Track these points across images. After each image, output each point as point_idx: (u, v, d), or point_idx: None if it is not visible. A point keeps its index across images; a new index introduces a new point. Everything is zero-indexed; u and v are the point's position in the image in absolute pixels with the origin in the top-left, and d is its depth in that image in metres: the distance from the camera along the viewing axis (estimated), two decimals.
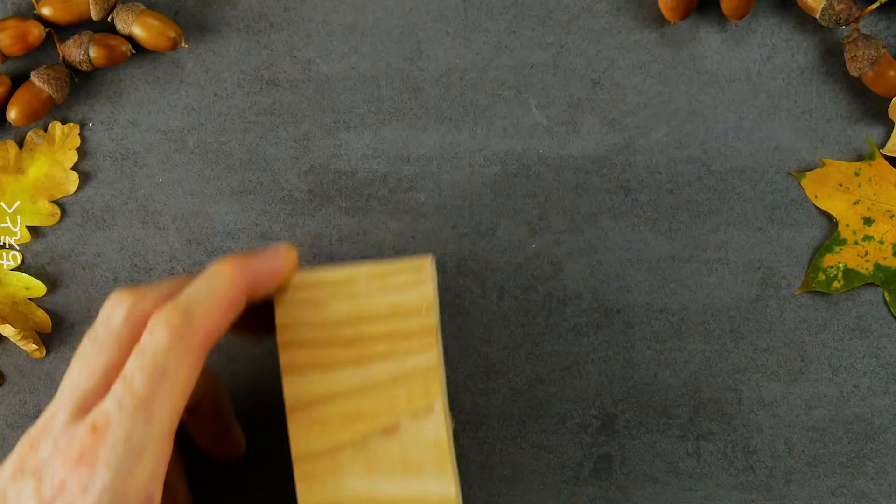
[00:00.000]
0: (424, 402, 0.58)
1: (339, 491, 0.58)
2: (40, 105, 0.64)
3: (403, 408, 0.58)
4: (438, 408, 0.58)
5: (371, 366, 0.58)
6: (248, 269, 0.56)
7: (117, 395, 0.52)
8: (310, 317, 0.59)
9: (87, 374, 0.54)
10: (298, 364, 0.59)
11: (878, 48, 0.64)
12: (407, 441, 0.58)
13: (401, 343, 0.58)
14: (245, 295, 0.55)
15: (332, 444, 0.58)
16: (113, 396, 0.52)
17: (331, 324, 0.59)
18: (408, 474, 0.58)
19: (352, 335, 0.59)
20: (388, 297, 0.59)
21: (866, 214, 0.65)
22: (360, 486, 0.58)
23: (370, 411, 0.58)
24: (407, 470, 0.58)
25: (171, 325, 0.53)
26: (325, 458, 0.58)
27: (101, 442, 0.51)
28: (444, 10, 0.66)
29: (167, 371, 0.52)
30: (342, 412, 0.58)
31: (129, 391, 0.52)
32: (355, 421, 0.57)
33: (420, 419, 0.58)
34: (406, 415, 0.58)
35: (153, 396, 0.52)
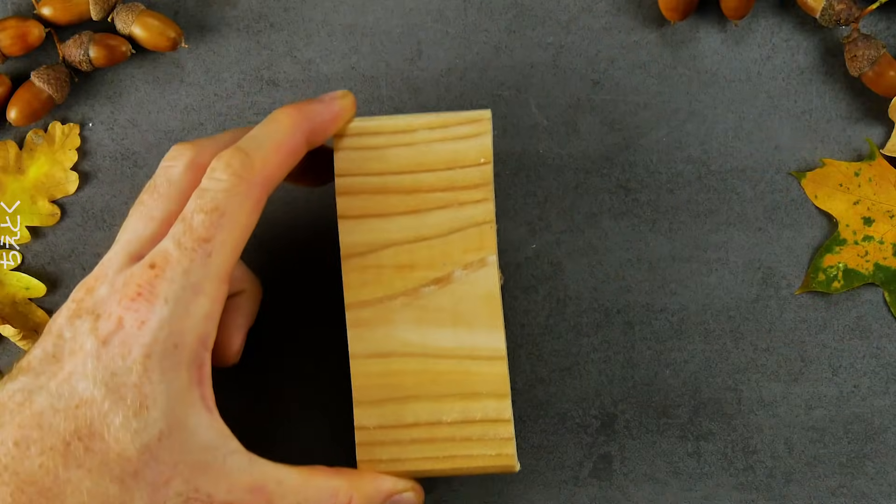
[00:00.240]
0: (478, 255, 0.60)
1: (389, 340, 0.59)
2: (40, 105, 0.64)
3: (457, 259, 0.60)
4: (492, 260, 0.60)
5: (427, 215, 0.60)
6: (308, 114, 0.56)
7: (176, 234, 0.52)
8: (369, 164, 0.60)
9: (144, 221, 0.54)
10: (355, 211, 0.60)
11: (878, 48, 0.64)
12: (459, 293, 0.60)
13: (458, 194, 0.60)
14: (304, 140, 0.56)
15: (385, 293, 0.59)
16: (172, 236, 0.52)
17: (389, 172, 0.60)
18: (458, 326, 0.60)
19: (410, 184, 0.60)
20: (448, 147, 0.60)
21: (866, 214, 0.65)
22: (410, 336, 0.59)
23: (424, 261, 0.60)
24: (457, 322, 0.59)
25: (231, 168, 0.53)
26: (377, 307, 0.59)
27: (159, 278, 0.51)
28: (444, 10, 0.66)
29: (227, 211, 0.52)
30: (396, 261, 0.60)
31: (188, 230, 0.52)
32: (409, 270, 0.58)
33: (473, 271, 0.60)
34: (459, 266, 0.60)
35: (213, 236, 0.52)
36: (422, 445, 0.59)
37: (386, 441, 0.59)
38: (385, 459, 0.59)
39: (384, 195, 0.60)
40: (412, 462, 0.59)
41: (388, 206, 0.60)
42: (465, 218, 0.60)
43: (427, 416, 0.59)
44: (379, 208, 0.60)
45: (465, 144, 0.60)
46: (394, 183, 0.60)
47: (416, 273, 0.59)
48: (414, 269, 0.59)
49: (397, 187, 0.60)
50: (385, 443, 0.59)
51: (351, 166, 0.60)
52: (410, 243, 0.60)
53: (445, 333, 0.59)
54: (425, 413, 0.59)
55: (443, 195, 0.60)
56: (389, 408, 0.59)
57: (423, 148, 0.60)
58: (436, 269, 0.60)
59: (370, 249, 0.60)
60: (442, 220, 0.60)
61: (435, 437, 0.59)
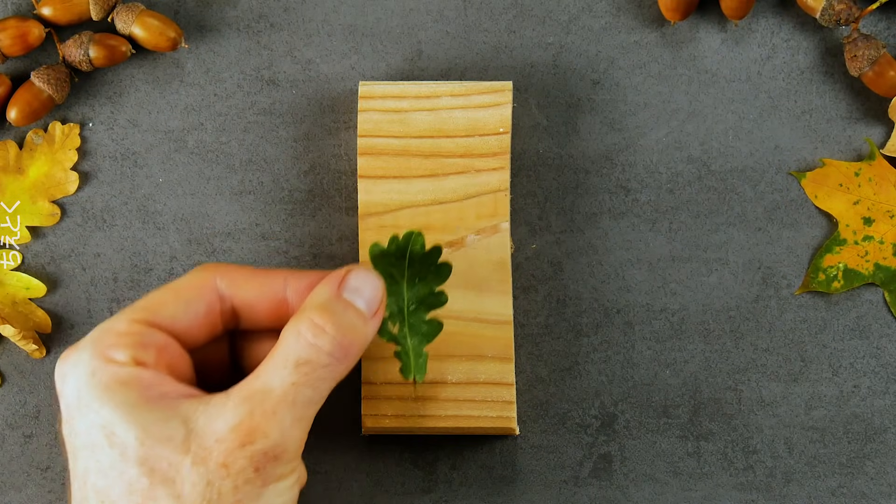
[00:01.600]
0: (491, 221, 0.62)
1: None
2: (40, 105, 0.64)
3: (471, 224, 0.62)
4: (505, 227, 0.62)
5: (445, 180, 0.62)
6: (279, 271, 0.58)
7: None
8: (391, 127, 0.62)
9: None
10: (375, 171, 0.62)
11: (878, 48, 0.64)
12: (471, 257, 0.62)
13: (476, 161, 0.62)
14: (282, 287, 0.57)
15: None
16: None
17: (410, 135, 0.62)
18: (468, 289, 0.62)
19: (430, 148, 0.62)
20: (469, 114, 0.62)
21: (866, 214, 0.65)
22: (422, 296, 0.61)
23: (439, 224, 0.62)
24: (468, 285, 0.62)
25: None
26: None
27: None
28: (444, 10, 0.66)
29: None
30: (412, 222, 0.62)
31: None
32: (424, 232, 0.59)
33: (486, 237, 0.62)
34: (473, 231, 0.62)
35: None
36: (426, 403, 0.61)
37: (391, 396, 0.61)
38: (389, 415, 0.61)
39: (404, 157, 0.62)
40: (416, 419, 0.61)
41: (408, 168, 0.62)
42: (481, 184, 0.62)
43: (433, 375, 0.61)
44: (398, 170, 0.62)
45: (485, 113, 0.62)
46: (414, 146, 0.62)
47: (431, 235, 0.61)
48: (429, 231, 0.61)
49: (417, 151, 0.62)
50: (390, 398, 0.61)
51: (373, 128, 0.62)
52: (427, 206, 0.62)
53: (455, 296, 0.61)
54: (431, 371, 0.61)
55: (461, 161, 0.62)
56: (396, 364, 0.60)
57: (444, 114, 0.62)
58: (450, 232, 0.62)
59: (387, 210, 0.62)
60: (458, 185, 0.62)
61: (439, 395, 0.61)
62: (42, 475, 0.65)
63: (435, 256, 0.59)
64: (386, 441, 0.65)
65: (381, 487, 0.65)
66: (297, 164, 0.66)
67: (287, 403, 0.52)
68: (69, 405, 0.53)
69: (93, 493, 0.52)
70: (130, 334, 0.54)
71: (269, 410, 0.52)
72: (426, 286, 0.59)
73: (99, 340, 0.53)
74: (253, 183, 0.66)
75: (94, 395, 0.52)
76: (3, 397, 0.65)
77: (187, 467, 0.51)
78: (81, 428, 0.52)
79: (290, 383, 0.52)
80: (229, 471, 0.51)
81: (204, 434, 0.51)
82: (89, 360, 0.53)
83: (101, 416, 0.52)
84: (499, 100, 0.62)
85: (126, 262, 0.66)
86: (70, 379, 0.53)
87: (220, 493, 0.51)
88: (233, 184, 0.66)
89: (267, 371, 0.53)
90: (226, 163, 0.66)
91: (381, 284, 0.56)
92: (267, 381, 0.53)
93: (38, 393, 0.65)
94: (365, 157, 0.62)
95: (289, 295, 0.57)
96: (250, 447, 0.51)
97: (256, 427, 0.52)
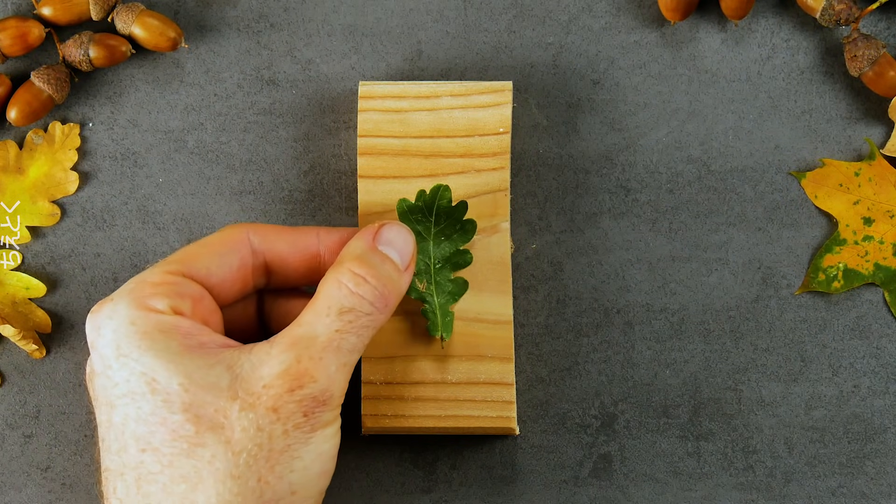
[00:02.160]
0: (492, 221, 0.62)
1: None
2: (40, 105, 0.64)
3: None
4: (505, 227, 0.62)
5: (444, 180, 0.62)
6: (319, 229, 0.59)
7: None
8: (391, 127, 0.62)
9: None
10: (375, 171, 0.62)
11: (878, 48, 0.64)
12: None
13: (475, 161, 0.62)
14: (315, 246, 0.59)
15: None
16: None
17: (410, 135, 0.62)
18: (469, 289, 0.62)
19: (429, 148, 0.62)
20: (469, 114, 0.62)
21: (866, 214, 0.65)
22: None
23: None
24: (469, 285, 0.62)
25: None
26: None
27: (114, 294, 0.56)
28: (444, 10, 0.66)
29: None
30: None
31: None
32: None
33: (486, 237, 0.62)
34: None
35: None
36: (426, 403, 0.61)
37: (391, 396, 0.61)
38: (389, 415, 0.61)
39: (404, 157, 0.62)
40: (415, 419, 0.61)
41: (408, 168, 0.62)
42: (481, 184, 0.62)
43: (433, 375, 0.61)
44: (398, 170, 0.62)
45: (485, 113, 0.62)
46: (414, 146, 0.62)
47: None
48: None
49: (417, 151, 0.62)
50: (390, 398, 0.61)
51: (373, 128, 0.62)
52: None
53: None
54: (431, 371, 0.61)
55: (461, 161, 0.62)
56: (397, 364, 0.61)
57: (444, 114, 0.62)
58: None
59: (387, 210, 0.62)
60: (458, 185, 0.62)
61: (439, 395, 0.61)
62: (42, 475, 0.65)
63: (462, 211, 0.60)
64: (386, 441, 0.65)
65: (381, 487, 0.65)
66: (297, 164, 0.66)
67: (332, 350, 0.53)
68: (105, 356, 0.53)
69: (132, 440, 0.52)
70: (166, 284, 0.54)
71: (315, 356, 0.53)
72: (452, 244, 0.60)
73: (135, 291, 0.54)
74: (253, 183, 0.66)
75: (134, 344, 0.52)
76: (3, 397, 0.65)
77: (235, 412, 0.52)
78: (121, 377, 0.52)
79: (335, 330, 0.54)
80: (279, 415, 0.52)
81: (250, 380, 0.52)
82: (127, 309, 0.53)
83: (143, 364, 0.52)
84: (499, 100, 0.62)
85: (126, 262, 0.66)
86: (106, 330, 0.53)
87: (271, 437, 0.52)
88: (233, 184, 0.66)
89: (309, 319, 0.54)
90: (226, 163, 0.66)
91: (412, 238, 0.58)
92: (311, 329, 0.53)
93: (38, 393, 0.65)
94: (365, 157, 0.62)
95: (321, 250, 0.58)
96: (299, 392, 0.52)
97: (304, 372, 0.52)
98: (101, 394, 0.53)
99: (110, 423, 0.53)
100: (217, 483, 0.51)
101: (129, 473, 0.52)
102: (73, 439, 0.65)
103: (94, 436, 0.64)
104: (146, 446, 0.52)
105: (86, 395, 0.65)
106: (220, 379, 0.52)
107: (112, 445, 0.53)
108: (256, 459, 0.51)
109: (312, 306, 0.54)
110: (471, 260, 0.61)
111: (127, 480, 0.52)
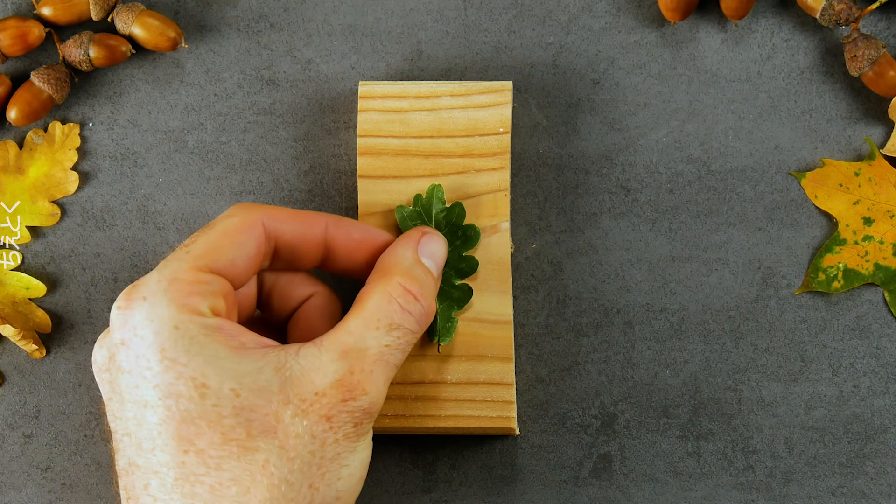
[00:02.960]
0: (491, 221, 0.62)
1: None
2: (40, 105, 0.64)
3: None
4: (505, 227, 0.62)
5: (444, 180, 0.62)
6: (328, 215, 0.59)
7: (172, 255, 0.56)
8: (391, 126, 0.62)
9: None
10: (375, 171, 0.62)
11: (878, 48, 0.64)
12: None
13: (475, 161, 0.62)
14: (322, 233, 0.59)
15: None
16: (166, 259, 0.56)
17: (410, 135, 0.62)
18: None
19: (429, 148, 0.62)
20: (469, 114, 0.62)
21: (866, 214, 0.65)
22: None
23: None
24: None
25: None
26: None
27: (139, 282, 0.55)
28: (444, 10, 0.66)
29: (216, 226, 0.57)
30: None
31: (182, 246, 0.56)
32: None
33: (486, 237, 0.62)
34: None
35: (195, 240, 0.56)
36: (426, 403, 0.61)
37: (391, 396, 0.61)
38: (389, 415, 0.61)
39: (404, 157, 0.62)
40: (415, 419, 0.61)
41: (408, 168, 0.62)
42: (481, 185, 0.62)
43: (433, 375, 0.61)
44: (398, 170, 0.62)
45: (485, 113, 0.62)
46: (414, 146, 0.62)
47: None
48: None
49: (417, 151, 0.62)
50: (390, 398, 0.61)
51: (373, 128, 0.62)
52: None
53: None
54: (431, 371, 0.61)
55: (461, 161, 0.62)
56: None
57: (444, 114, 0.62)
58: None
59: (387, 210, 0.62)
60: (458, 185, 0.62)
61: (439, 395, 0.61)
62: (42, 475, 0.65)
63: (460, 215, 0.61)
64: (386, 441, 0.65)
65: (381, 487, 0.65)
66: (297, 164, 0.66)
67: (382, 364, 0.54)
68: (144, 357, 0.52)
69: (174, 440, 0.52)
70: (201, 283, 0.54)
71: (367, 369, 0.54)
72: (455, 251, 0.61)
73: (172, 290, 0.53)
74: (253, 183, 0.66)
75: (182, 349, 0.52)
76: (3, 397, 0.65)
77: (288, 417, 0.52)
78: (165, 380, 0.52)
79: (385, 345, 0.55)
80: (332, 424, 0.53)
81: (301, 385, 0.53)
82: (168, 310, 0.53)
83: (192, 368, 0.52)
84: (499, 100, 0.62)
85: (126, 262, 0.66)
86: (146, 332, 0.52)
87: (324, 444, 0.53)
88: (233, 184, 0.66)
89: (360, 330, 0.55)
90: (226, 163, 0.66)
91: (447, 249, 0.60)
92: (361, 340, 0.54)
93: (38, 393, 0.65)
94: (365, 157, 0.62)
95: (329, 239, 0.58)
96: (352, 403, 0.53)
97: (357, 384, 0.53)
98: (132, 392, 0.53)
99: (142, 421, 0.52)
100: (272, 487, 0.52)
101: (168, 472, 0.52)
102: (73, 439, 0.65)
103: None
104: (190, 447, 0.52)
105: (86, 393, 0.65)
106: (270, 382, 0.52)
107: (144, 443, 0.52)
108: (310, 466, 0.52)
109: (362, 315, 0.55)
110: (476, 266, 0.61)
111: (164, 479, 0.52)
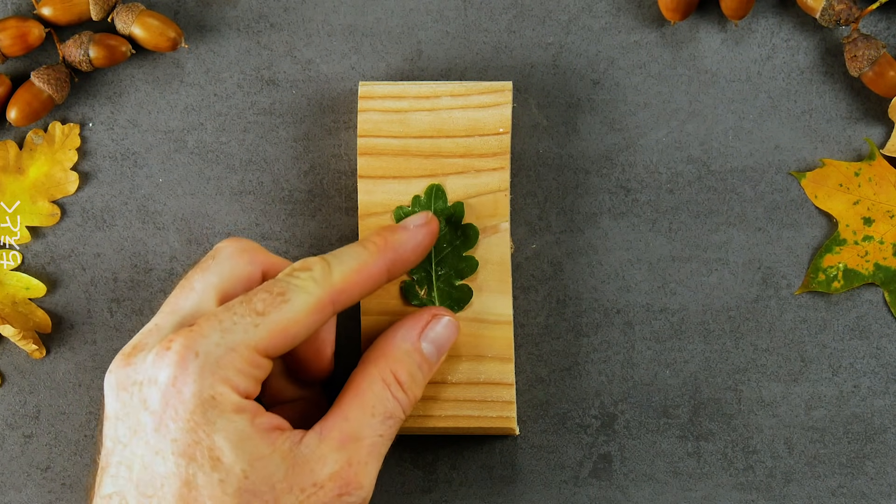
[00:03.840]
0: (491, 221, 0.62)
1: (400, 299, 0.62)
2: (40, 105, 0.64)
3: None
4: (505, 227, 0.62)
5: (444, 180, 0.62)
6: (393, 244, 0.58)
7: (232, 304, 0.55)
8: (391, 127, 0.63)
9: (186, 293, 0.57)
10: (375, 171, 0.62)
11: (878, 48, 0.64)
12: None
13: (475, 161, 0.62)
14: (386, 269, 0.58)
15: None
16: (227, 305, 0.55)
17: (410, 136, 0.62)
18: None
19: (429, 148, 0.62)
20: (469, 114, 0.62)
21: (866, 214, 0.65)
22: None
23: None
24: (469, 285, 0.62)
25: (312, 272, 0.55)
26: None
27: (195, 333, 0.54)
28: (444, 10, 0.66)
29: (292, 301, 0.55)
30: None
31: (246, 301, 0.55)
32: None
33: (486, 237, 0.62)
34: None
35: (268, 312, 0.54)
36: (426, 403, 0.61)
37: None
38: None
39: (404, 158, 0.62)
40: (416, 419, 0.61)
41: (408, 168, 0.62)
42: (481, 185, 0.62)
43: (433, 375, 0.60)
44: (398, 170, 0.62)
45: (485, 113, 0.62)
46: (414, 146, 0.62)
47: None
48: None
49: (417, 151, 0.62)
50: None
51: (373, 128, 0.62)
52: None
53: None
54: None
55: (461, 161, 0.62)
56: None
57: (444, 114, 0.62)
58: None
59: (387, 210, 0.62)
60: (458, 185, 0.62)
61: (439, 395, 0.61)
62: (42, 475, 0.65)
63: (459, 214, 0.61)
64: None
65: (381, 487, 0.65)
66: (297, 164, 0.66)
67: (375, 454, 0.55)
68: (174, 409, 0.53)
69: (173, 498, 0.52)
70: (255, 366, 0.54)
71: (362, 461, 0.55)
72: (455, 252, 0.61)
73: (226, 362, 0.53)
74: (253, 183, 0.66)
75: (210, 419, 0.52)
76: (3, 397, 0.65)
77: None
78: (184, 440, 0.52)
79: (378, 435, 0.56)
80: None
81: (302, 474, 0.53)
82: (212, 380, 0.53)
83: (213, 440, 0.52)
84: (499, 100, 0.62)
85: (126, 262, 0.66)
86: (186, 388, 0.52)
87: None
88: (233, 184, 0.66)
89: (357, 416, 0.55)
90: (226, 163, 0.66)
91: (457, 334, 0.60)
92: (357, 429, 0.55)
93: (38, 393, 0.65)
94: (365, 157, 0.62)
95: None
96: (347, 498, 0.54)
97: (353, 479, 0.54)
98: (148, 433, 0.53)
99: (148, 466, 0.53)
100: None
101: None
102: (73, 439, 0.65)
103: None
104: None
105: (86, 393, 0.65)
106: (276, 470, 0.53)
107: (145, 488, 0.53)
108: None
109: (359, 402, 0.56)
110: (476, 266, 0.62)
111: None
